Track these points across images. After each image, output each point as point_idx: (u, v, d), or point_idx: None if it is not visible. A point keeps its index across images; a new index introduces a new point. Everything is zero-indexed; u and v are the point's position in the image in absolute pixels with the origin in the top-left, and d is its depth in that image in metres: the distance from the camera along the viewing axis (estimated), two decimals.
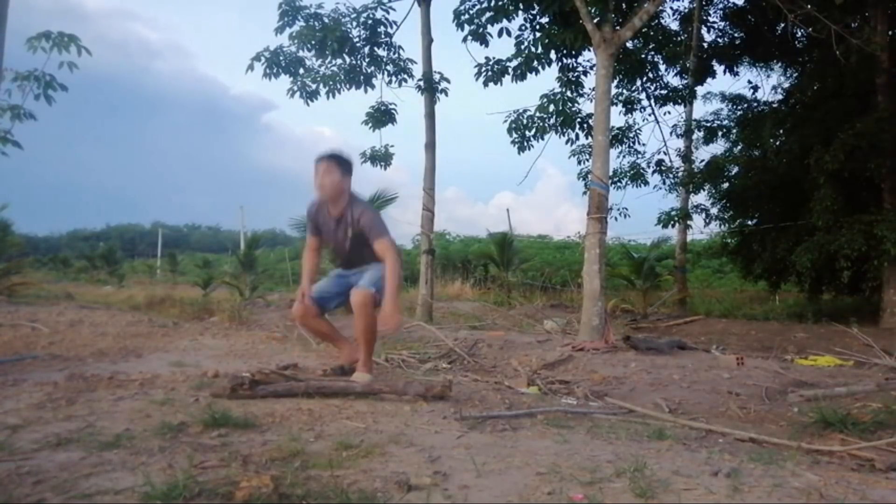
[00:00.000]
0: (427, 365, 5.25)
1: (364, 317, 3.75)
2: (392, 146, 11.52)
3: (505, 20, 9.53)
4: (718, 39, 14.06)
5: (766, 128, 12.33)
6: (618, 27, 7.34)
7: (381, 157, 11.43)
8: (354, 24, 10.55)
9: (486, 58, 10.07)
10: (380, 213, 4.14)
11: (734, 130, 14.18)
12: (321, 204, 4.04)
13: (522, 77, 9.69)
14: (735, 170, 13.87)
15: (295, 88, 10.64)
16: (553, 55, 9.66)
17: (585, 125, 10.17)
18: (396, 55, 10.98)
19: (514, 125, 10.36)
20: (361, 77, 10.77)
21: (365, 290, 3.74)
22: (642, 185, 13.17)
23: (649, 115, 13.17)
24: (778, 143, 13.00)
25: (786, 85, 14.52)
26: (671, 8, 13.50)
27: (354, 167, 4.02)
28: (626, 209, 13.08)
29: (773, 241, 12.51)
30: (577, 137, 10.59)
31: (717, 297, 18.14)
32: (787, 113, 13.11)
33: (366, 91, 10.89)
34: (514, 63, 9.75)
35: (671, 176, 13.87)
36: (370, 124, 11.21)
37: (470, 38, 9.84)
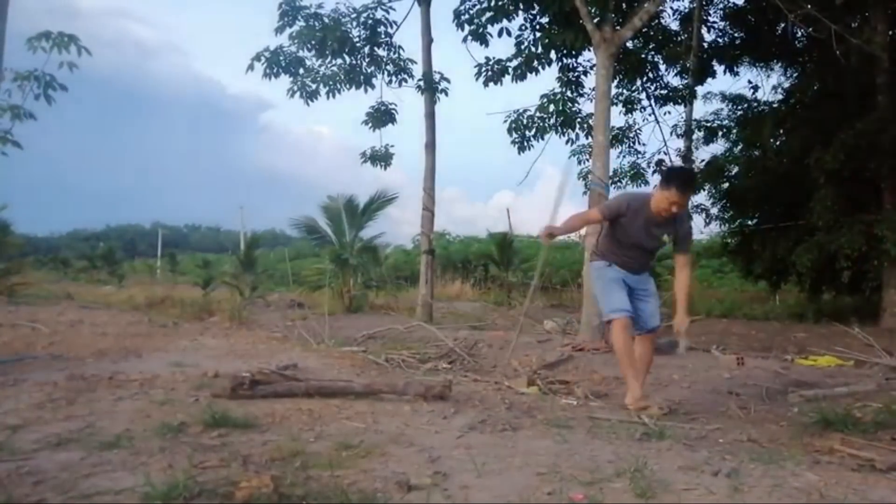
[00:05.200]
0: (427, 365, 5.25)
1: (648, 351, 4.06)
2: (392, 146, 11.52)
3: (505, 20, 9.53)
4: (718, 39, 14.06)
5: (766, 128, 12.33)
6: (618, 27, 7.34)
7: (381, 157, 11.43)
8: (354, 24, 10.55)
9: (486, 58, 10.08)
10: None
11: (734, 130, 14.18)
12: (645, 206, 3.80)
13: (522, 77, 9.70)
14: (735, 170, 13.87)
15: (295, 88, 10.64)
16: (553, 55, 9.66)
17: (585, 125, 10.17)
18: (396, 55, 10.99)
19: (514, 125, 10.36)
20: (361, 77, 10.78)
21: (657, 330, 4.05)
22: (642, 185, 13.18)
23: (649, 115, 13.17)
24: (778, 143, 13.00)
25: (786, 85, 14.53)
26: (671, 8, 13.49)
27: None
28: None
29: (773, 241, 12.51)
30: (577, 137, 10.61)
31: (717, 297, 18.13)
32: (787, 113, 13.11)
33: (366, 91, 10.91)
34: (514, 63, 9.76)
35: None
36: (370, 124, 11.22)
37: (470, 38, 9.84)
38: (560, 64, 10.06)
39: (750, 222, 14.41)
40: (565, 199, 3.95)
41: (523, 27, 9.72)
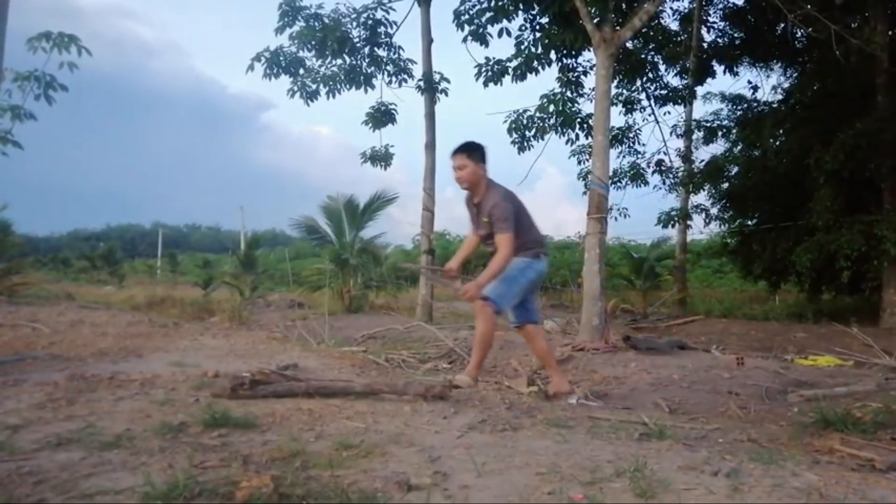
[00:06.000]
0: (427, 365, 5.25)
1: (479, 327, 3.91)
2: (392, 146, 11.54)
3: (505, 20, 9.53)
4: (718, 39, 14.07)
5: (766, 128, 12.33)
6: (618, 27, 7.34)
7: (381, 157, 11.44)
8: (354, 24, 10.57)
9: (486, 58, 10.10)
10: (512, 208, 3.84)
11: (734, 130, 14.19)
12: (470, 195, 4.05)
13: (522, 77, 9.70)
14: (735, 170, 13.87)
15: (295, 89, 10.65)
16: (553, 55, 9.66)
17: (585, 125, 10.18)
18: (396, 55, 11.01)
19: (514, 125, 10.37)
20: (361, 77, 10.79)
21: (481, 302, 3.82)
22: (642, 185, 13.19)
23: (649, 115, 13.18)
24: (778, 143, 13.00)
25: (786, 85, 14.54)
26: (671, 8, 13.51)
27: (484, 148, 3.96)
28: (626, 209, 13.11)
29: (773, 241, 12.51)
30: (577, 137, 10.61)
31: (717, 297, 18.15)
32: (787, 113, 13.11)
33: (366, 91, 10.92)
34: (514, 63, 9.76)
35: (671, 176, 13.88)
36: (370, 124, 11.23)
37: (470, 38, 9.85)
38: (560, 64, 10.07)
39: (750, 222, 14.41)
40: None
41: (523, 27, 9.74)
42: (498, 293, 3.79)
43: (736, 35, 13.83)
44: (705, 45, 13.93)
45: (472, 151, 3.90)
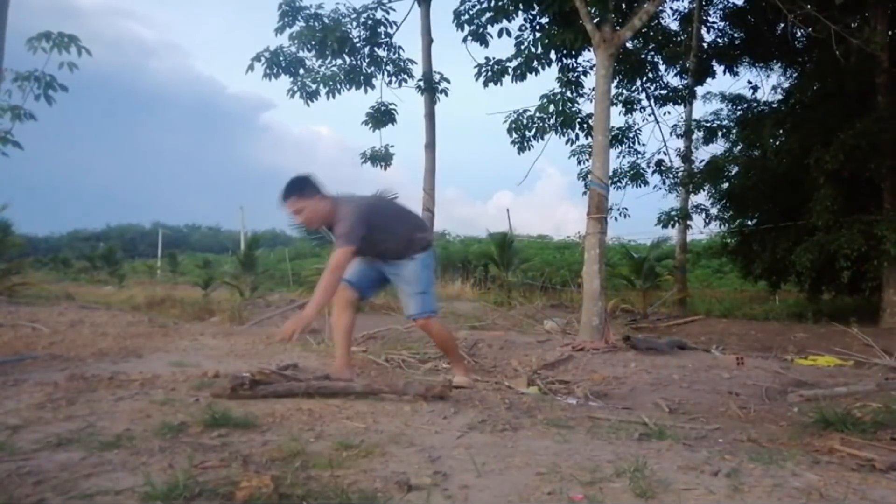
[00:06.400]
0: (427, 365, 5.25)
1: (435, 337, 4.06)
2: (392, 146, 11.55)
3: (505, 20, 9.54)
4: (718, 39, 14.08)
5: (766, 128, 12.33)
6: (618, 27, 7.34)
7: (381, 157, 11.45)
8: (354, 24, 10.59)
9: (486, 58, 10.11)
10: (357, 217, 3.57)
11: (734, 130, 14.19)
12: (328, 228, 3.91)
13: (522, 77, 9.71)
14: (735, 170, 13.88)
15: (295, 89, 10.66)
16: (553, 55, 9.67)
17: (585, 125, 10.18)
18: (396, 55, 11.02)
19: (514, 125, 10.37)
20: (361, 77, 10.80)
21: (420, 320, 3.86)
22: (642, 185, 13.21)
23: (649, 115, 13.19)
24: (778, 143, 13.01)
25: (786, 85, 14.54)
26: (671, 8, 13.53)
27: (313, 178, 3.67)
28: (626, 209, 13.13)
29: (773, 241, 12.52)
30: (577, 137, 10.62)
31: (717, 297, 18.15)
32: (787, 113, 13.12)
33: (366, 91, 10.93)
34: (514, 63, 9.77)
35: (671, 176, 13.89)
36: (370, 124, 11.24)
37: (470, 38, 9.86)
38: (560, 64, 10.07)
39: (750, 222, 14.42)
40: None
41: (523, 27, 9.74)
42: (426, 305, 3.82)
43: (736, 35, 13.84)
44: (705, 45, 13.94)
45: (301, 189, 3.61)
